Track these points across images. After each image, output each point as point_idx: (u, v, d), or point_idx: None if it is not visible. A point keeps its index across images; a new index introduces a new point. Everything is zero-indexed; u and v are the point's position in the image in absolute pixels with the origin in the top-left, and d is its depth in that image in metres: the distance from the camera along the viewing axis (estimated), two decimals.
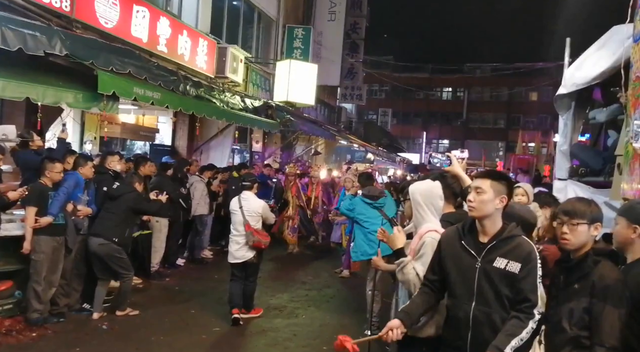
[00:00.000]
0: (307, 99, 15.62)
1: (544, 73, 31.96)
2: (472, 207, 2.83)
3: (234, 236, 6.42)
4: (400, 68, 42.24)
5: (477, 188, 2.83)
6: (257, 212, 6.41)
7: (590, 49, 5.71)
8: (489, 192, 2.79)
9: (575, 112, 6.13)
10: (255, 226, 6.36)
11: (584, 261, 2.69)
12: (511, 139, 45.69)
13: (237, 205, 6.45)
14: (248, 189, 6.52)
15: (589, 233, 2.69)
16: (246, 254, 6.34)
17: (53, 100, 6.02)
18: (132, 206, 6.44)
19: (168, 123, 12.41)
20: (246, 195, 6.48)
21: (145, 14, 9.38)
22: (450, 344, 2.89)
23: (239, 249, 6.35)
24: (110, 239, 6.11)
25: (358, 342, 2.91)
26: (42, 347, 5.24)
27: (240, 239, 6.34)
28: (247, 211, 6.36)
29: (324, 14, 20.09)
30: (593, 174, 5.77)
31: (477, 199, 2.81)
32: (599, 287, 2.58)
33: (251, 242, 6.28)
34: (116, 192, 6.38)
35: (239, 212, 6.39)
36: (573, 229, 2.68)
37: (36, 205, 5.57)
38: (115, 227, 6.19)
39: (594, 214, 2.71)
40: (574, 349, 2.64)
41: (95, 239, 6.14)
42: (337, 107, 25.42)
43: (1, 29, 5.43)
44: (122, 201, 6.33)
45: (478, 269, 2.78)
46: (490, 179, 2.83)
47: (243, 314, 6.41)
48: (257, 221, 6.41)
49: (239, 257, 6.35)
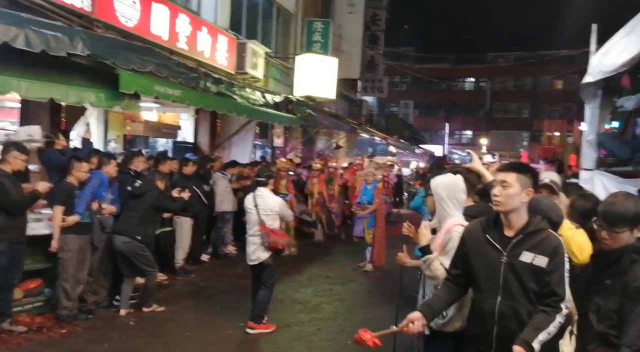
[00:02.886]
0: (328, 93, 15.56)
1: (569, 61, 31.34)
2: (498, 201, 2.76)
3: (249, 236, 6.01)
4: (422, 59, 41.79)
5: (503, 182, 2.76)
6: (273, 210, 5.92)
7: (617, 34, 5.54)
8: (515, 186, 2.73)
9: (602, 100, 5.97)
10: (271, 225, 5.90)
11: (620, 259, 2.60)
12: (536, 129, 45.08)
13: (252, 203, 5.99)
14: (263, 185, 6.05)
15: (631, 236, 2.60)
16: (261, 255, 5.89)
17: (76, 100, 6.08)
18: (155, 204, 6.48)
19: (190, 120, 12.48)
20: (261, 191, 5.99)
21: (164, 11, 9.43)
22: (476, 338, 2.86)
23: (255, 250, 5.92)
24: (134, 237, 6.17)
25: (379, 335, 2.85)
26: (72, 343, 5.34)
27: (255, 240, 5.91)
28: (262, 210, 5.89)
29: (343, 7, 19.94)
30: (621, 163, 5.62)
31: (503, 193, 2.75)
32: (632, 287, 2.50)
33: (266, 244, 5.83)
34: (138, 190, 6.43)
35: (254, 210, 5.94)
36: (614, 237, 2.59)
37: (63, 204, 5.68)
38: (138, 225, 6.23)
39: (637, 214, 2.58)
40: (600, 345, 2.59)
41: (119, 237, 6.20)
42: (358, 100, 25.27)
43: (25, 31, 5.49)
44: (144, 199, 6.37)
45: (504, 263, 2.73)
46: (515, 172, 2.76)
47: (250, 328, 5.93)
48: (273, 220, 5.93)
49: (254, 259, 5.93)
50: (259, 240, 5.86)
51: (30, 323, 5.57)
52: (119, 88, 6.26)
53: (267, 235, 5.82)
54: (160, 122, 11.59)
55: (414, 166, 28.66)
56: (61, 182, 5.76)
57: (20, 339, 5.22)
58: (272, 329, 6.03)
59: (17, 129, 7.13)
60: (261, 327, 5.96)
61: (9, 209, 5.15)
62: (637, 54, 4.98)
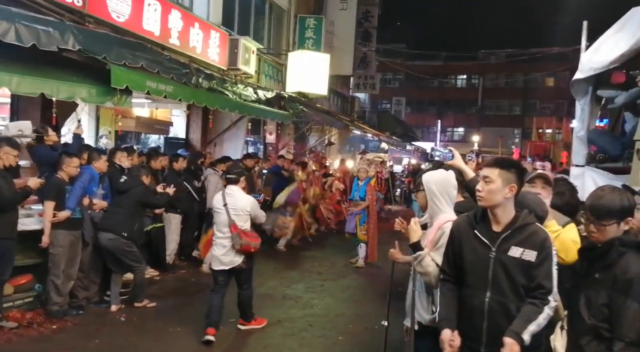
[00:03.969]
0: (320, 89, 15.58)
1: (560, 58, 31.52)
2: (480, 196, 2.79)
3: (219, 238, 5.57)
4: (414, 56, 41.79)
5: (486, 177, 2.78)
6: (244, 210, 5.54)
7: (608, 31, 5.57)
8: (497, 182, 2.75)
9: (593, 97, 6.02)
10: (242, 226, 5.52)
11: (608, 252, 2.61)
12: (527, 126, 45.09)
13: (221, 202, 5.58)
14: (234, 183, 5.65)
15: (619, 229, 2.61)
16: (234, 259, 5.51)
17: (67, 95, 6.07)
18: (140, 200, 6.41)
19: (182, 116, 12.45)
20: (231, 190, 5.61)
21: (156, 7, 9.38)
22: (465, 334, 2.85)
23: (226, 253, 5.51)
24: (120, 234, 6.11)
25: None
26: (62, 339, 5.32)
27: (226, 242, 5.51)
28: (232, 209, 5.51)
29: (335, 3, 19.90)
30: (611, 159, 5.66)
31: (485, 189, 2.77)
32: (621, 280, 2.52)
33: (238, 246, 5.44)
34: (124, 186, 6.34)
35: (223, 210, 5.53)
36: (601, 230, 2.60)
37: (54, 199, 5.66)
38: (124, 222, 6.17)
39: (624, 208, 2.59)
40: (593, 339, 2.61)
41: (104, 234, 6.14)
42: (350, 96, 25.27)
43: (15, 26, 5.46)
44: (130, 195, 6.29)
45: (492, 259, 2.75)
46: (498, 168, 2.78)
47: (241, 324, 5.89)
48: (245, 220, 5.56)
49: (227, 263, 5.52)
50: (229, 242, 5.48)
51: (21, 319, 5.53)
52: (111, 83, 6.24)
53: (239, 236, 5.44)
54: (152, 118, 11.55)
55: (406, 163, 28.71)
56: (51, 178, 5.73)
57: (10, 335, 5.20)
58: (264, 324, 5.99)
59: (8, 124, 7.07)
60: (252, 323, 5.92)
61: (0, 205, 5.11)
62: (627, 51, 5.02)
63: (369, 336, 5.75)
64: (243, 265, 5.57)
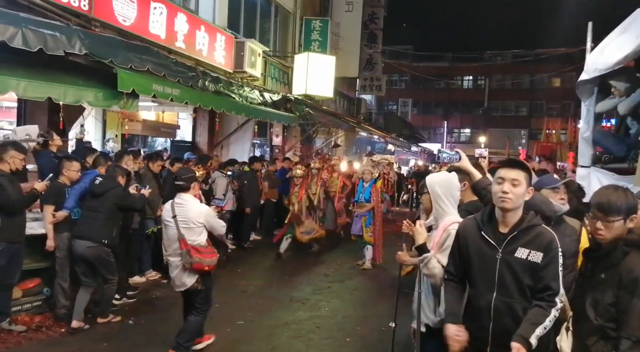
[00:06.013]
0: (326, 91, 15.60)
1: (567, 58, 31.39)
2: (508, 198, 2.72)
3: (168, 255, 4.85)
4: (420, 57, 41.80)
5: (514, 180, 2.74)
6: (196, 221, 4.73)
7: (613, 32, 5.56)
8: (523, 184, 2.75)
9: (598, 98, 5.99)
10: (195, 240, 4.72)
11: (612, 252, 2.62)
12: (534, 127, 45.10)
13: (169, 213, 4.79)
14: (184, 190, 4.83)
15: (624, 227, 2.62)
16: (186, 280, 4.78)
17: (74, 99, 6.11)
18: (118, 203, 5.82)
19: (188, 119, 12.52)
20: (182, 199, 4.80)
21: (162, 10, 9.44)
22: (472, 334, 2.87)
23: (177, 273, 4.79)
24: (99, 241, 5.62)
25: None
26: (71, 342, 5.35)
27: (177, 261, 4.76)
28: (182, 221, 4.71)
29: (341, 5, 19.96)
30: (617, 160, 5.64)
31: (513, 191, 2.72)
32: (627, 279, 2.53)
33: (188, 265, 4.67)
34: (99, 188, 5.76)
35: (172, 222, 4.75)
36: (609, 226, 2.61)
37: (53, 203, 5.70)
38: (103, 228, 5.66)
39: (630, 205, 2.61)
40: (600, 339, 2.61)
41: (81, 242, 5.59)
42: (357, 98, 25.30)
43: (22, 30, 5.52)
44: (106, 198, 5.72)
45: (499, 260, 2.76)
46: (523, 171, 2.78)
47: None
48: (198, 233, 4.76)
49: (178, 285, 4.84)
50: (181, 261, 4.74)
51: (29, 322, 5.58)
52: (117, 87, 6.28)
53: (189, 254, 4.66)
54: (158, 121, 11.63)
55: (413, 164, 28.69)
56: (53, 182, 5.72)
57: (19, 339, 5.23)
58: (212, 339, 5.40)
59: (15, 129, 7.13)
60: (198, 340, 5.21)
61: (8, 209, 5.15)
62: (631, 52, 5.00)
63: (376, 337, 5.74)
64: (198, 286, 4.83)
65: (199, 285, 4.84)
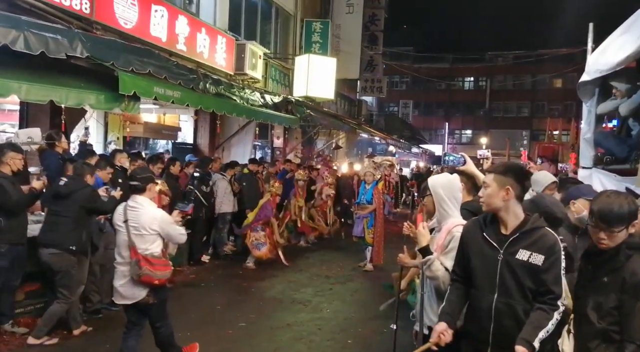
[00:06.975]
0: (327, 93, 15.61)
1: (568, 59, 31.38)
2: (482, 201, 2.91)
3: (118, 264, 4.34)
4: (421, 59, 41.85)
5: (484, 183, 2.94)
6: (149, 228, 4.23)
7: (614, 33, 5.57)
8: (492, 186, 2.84)
9: (599, 99, 6.00)
10: (147, 249, 4.23)
11: (615, 256, 2.61)
12: (535, 127, 45.11)
13: (121, 217, 4.32)
14: (139, 192, 4.33)
15: (626, 233, 2.62)
16: (136, 292, 4.27)
17: (76, 102, 6.12)
18: (85, 205, 5.34)
19: (190, 121, 12.54)
20: (136, 202, 4.31)
21: (163, 13, 9.46)
22: (473, 335, 2.89)
23: (125, 283, 4.28)
24: (66, 248, 5.21)
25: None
26: (73, 344, 5.36)
27: (125, 270, 4.27)
28: (133, 227, 4.23)
29: (341, 7, 19.96)
30: (619, 161, 5.65)
31: (484, 193, 2.89)
32: (631, 282, 2.53)
33: (136, 277, 4.18)
34: (65, 189, 5.29)
35: (123, 228, 4.28)
36: (612, 236, 2.60)
37: None
38: (71, 233, 5.25)
39: (631, 212, 2.60)
40: (602, 342, 2.61)
41: (45, 250, 5.22)
42: (358, 100, 25.31)
43: (24, 34, 5.53)
44: (73, 200, 5.27)
45: (500, 261, 2.77)
46: (493, 173, 2.90)
47: None
48: (151, 241, 4.26)
49: (128, 296, 4.30)
50: (129, 271, 4.26)
51: (32, 324, 5.56)
52: (119, 90, 6.28)
53: (137, 264, 4.16)
54: (160, 123, 11.64)
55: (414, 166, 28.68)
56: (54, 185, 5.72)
57: (21, 341, 5.23)
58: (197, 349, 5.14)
59: (18, 132, 7.15)
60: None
61: (9, 210, 5.15)
62: (633, 53, 5.00)
63: (377, 339, 5.76)
64: (149, 299, 4.33)
65: (151, 298, 4.32)
